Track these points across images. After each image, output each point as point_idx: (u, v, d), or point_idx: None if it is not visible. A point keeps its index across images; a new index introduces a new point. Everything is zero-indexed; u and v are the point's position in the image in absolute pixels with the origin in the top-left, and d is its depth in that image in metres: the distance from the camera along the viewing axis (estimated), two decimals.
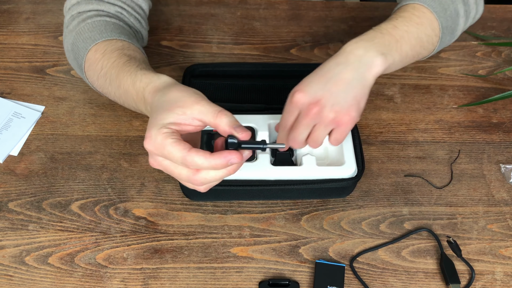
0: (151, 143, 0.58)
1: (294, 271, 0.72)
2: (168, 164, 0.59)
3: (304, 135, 0.70)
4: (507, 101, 0.92)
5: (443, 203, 0.79)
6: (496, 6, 1.08)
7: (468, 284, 0.71)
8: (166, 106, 0.59)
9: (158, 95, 0.63)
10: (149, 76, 0.66)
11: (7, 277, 0.71)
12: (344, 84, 0.67)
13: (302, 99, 0.68)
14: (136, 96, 0.67)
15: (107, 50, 0.75)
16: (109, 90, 0.75)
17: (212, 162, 0.56)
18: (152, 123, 0.59)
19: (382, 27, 0.74)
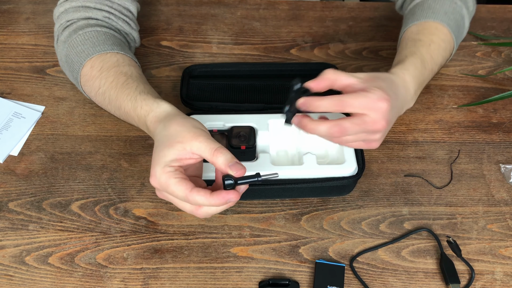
0: (156, 181, 0.62)
1: (294, 271, 0.72)
2: (173, 198, 0.62)
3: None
4: (507, 101, 0.92)
5: (443, 203, 0.79)
6: (496, 6, 1.08)
7: (468, 284, 0.71)
8: (167, 141, 0.62)
9: (160, 127, 0.66)
10: (149, 104, 0.69)
11: (7, 277, 0.71)
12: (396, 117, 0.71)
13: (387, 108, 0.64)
14: (138, 120, 0.71)
15: (103, 67, 0.76)
16: (109, 108, 0.77)
17: (212, 202, 0.60)
18: (155, 161, 0.62)
19: (424, 56, 0.77)
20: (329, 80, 0.65)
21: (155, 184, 0.62)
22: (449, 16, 0.82)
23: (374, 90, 0.63)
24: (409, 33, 0.82)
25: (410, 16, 0.84)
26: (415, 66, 0.75)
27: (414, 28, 0.82)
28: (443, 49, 0.82)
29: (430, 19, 0.81)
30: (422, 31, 0.81)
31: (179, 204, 0.63)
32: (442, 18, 0.82)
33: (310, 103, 0.64)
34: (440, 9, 0.82)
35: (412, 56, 0.76)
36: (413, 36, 0.81)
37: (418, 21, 0.82)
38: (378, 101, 0.63)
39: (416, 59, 0.76)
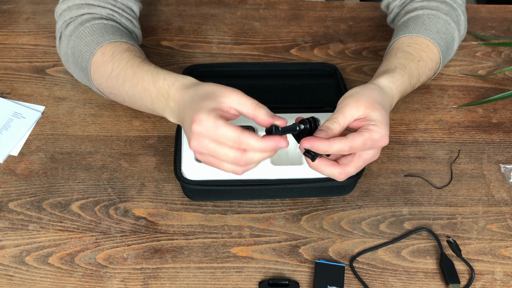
0: (202, 125, 0.60)
1: (294, 271, 0.72)
2: (214, 147, 0.61)
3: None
4: (507, 101, 0.92)
5: (443, 203, 0.79)
6: (496, 6, 1.08)
7: (468, 284, 0.71)
8: (205, 96, 0.63)
9: (191, 91, 0.66)
10: (173, 75, 0.69)
11: (7, 277, 0.71)
12: None
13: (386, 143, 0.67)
14: (156, 94, 0.70)
15: (115, 52, 0.76)
16: (120, 90, 0.76)
17: (263, 145, 0.59)
18: (196, 109, 0.61)
19: (413, 72, 0.77)
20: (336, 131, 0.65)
21: (199, 128, 0.60)
22: (440, 36, 0.82)
23: (375, 128, 0.64)
24: (399, 43, 0.81)
25: (403, 28, 0.84)
26: (402, 81, 0.75)
27: (405, 40, 0.81)
28: (429, 68, 0.81)
29: (422, 35, 0.81)
30: (413, 45, 0.80)
31: (221, 152, 0.61)
32: (434, 36, 0.81)
33: (318, 147, 0.63)
34: (433, 27, 0.82)
35: (402, 69, 0.76)
36: (403, 47, 0.80)
37: (410, 34, 0.81)
38: (381, 141, 0.65)
39: (405, 73, 0.75)
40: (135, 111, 0.87)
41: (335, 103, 0.86)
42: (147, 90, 0.71)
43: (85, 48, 0.78)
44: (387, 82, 0.73)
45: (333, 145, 0.63)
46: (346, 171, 0.65)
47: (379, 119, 0.65)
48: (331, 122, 0.65)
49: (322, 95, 0.88)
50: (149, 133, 0.86)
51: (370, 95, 0.68)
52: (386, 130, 0.65)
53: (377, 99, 0.68)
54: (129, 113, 0.88)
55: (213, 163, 0.63)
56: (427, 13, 0.83)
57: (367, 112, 0.65)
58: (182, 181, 0.74)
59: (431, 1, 0.85)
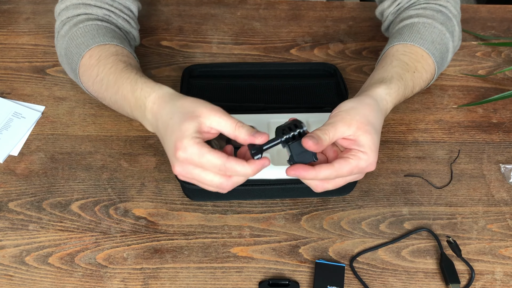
0: (186, 153, 0.60)
1: (294, 271, 0.72)
2: (199, 173, 0.61)
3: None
4: (507, 101, 0.92)
5: (443, 203, 0.79)
6: (496, 6, 1.08)
7: (468, 284, 0.71)
8: (184, 116, 0.62)
9: (168, 106, 0.65)
10: (150, 86, 0.68)
11: (7, 277, 0.71)
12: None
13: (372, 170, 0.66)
14: (134, 103, 0.69)
15: (101, 56, 0.76)
16: (105, 95, 0.76)
17: (249, 170, 0.60)
18: (179, 135, 0.61)
19: (408, 83, 0.76)
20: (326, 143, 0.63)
21: (183, 155, 0.60)
22: (435, 46, 0.81)
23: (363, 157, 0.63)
24: (394, 50, 0.80)
25: (398, 35, 0.82)
26: (398, 93, 0.74)
27: (400, 48, 0.80)
28: (424, 80, 0.80)
29: (417, 44, 0.79)
30: (408, 54, 0.79)
31: (206, 178, 0.61)
32: (429, 47, 0.80)
33: (305, 176, 0.62)
34: (428, 36, 0.80)
35: (399, 80, 0.74)
36: (398, 55, 0.79)
37: (405, 42, 0.80)
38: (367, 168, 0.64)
39: (401, 85, 0.74)
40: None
41: (335, 103, 0.86)
42: (126, 98, 0.71)
43: (75, 50, 0.79)
44: (384, 93, 0.71)
45: (319, 173, 0.62)
46: (325, 185, 0.65)
47: (368, 145, 0.64)
48: (323, 133, 0.63)
49: (322, 95, 0.88)
50: (149, 133, 0.86)
51: (365, 114, 0.66)
52: (374, 157, 0.64)
53: (370, 120, 0.66)
54: None
55: (197, 184, 0.64)
56: (423, 22, 0.82)
57: (357, 135, 0.64)
58: (182, 181, 0.74)
59: (427, 10, 0.84)
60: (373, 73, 0.78)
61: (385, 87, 0.72)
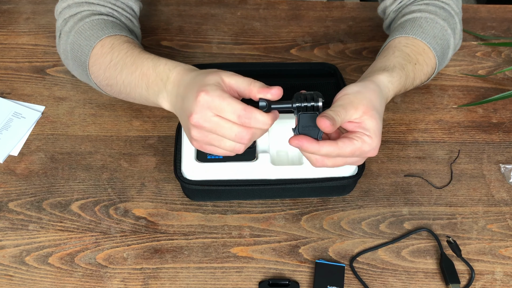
0: (208, 96, 0.60)
1: (294, 271, 0.72)
2: (217, 121, 0.61)
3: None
4: (507, 101, 0.92)
5: (443, 203, 0.79)
6: (496, 6, 1.08)
7: (468, 284, 0.71)
8: (207, 73, 0.64)
9: (192, 74, 0.67)
10: (175, 62, 0.71)
11: (7, 277, 0.71)
12: None
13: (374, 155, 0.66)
14: (154, 78, 0.70)
15: (114, 43, 0.77)
16: (118, 79, 0.76)
17: (268, 119, 0.61)
18: (202, 83, 0.62)
19: (409, 74, 0.76)
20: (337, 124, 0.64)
21: (206, 98, 0.60)
22: (437, 41, 0.81)
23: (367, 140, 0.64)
24: (396, 42, 0.80)
25: (400, 29, 0.82)
26: (399, 82, 0.74)
27: (402, 40, 0.80)
28: (424, 73, 0.80)
29: (419, 37, 0.79)
30: (411, 46, 0.79)
31: (225, 126, 0.61)
32: (430, 41, 0.80)
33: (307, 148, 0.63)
34: (430, 31, 0.81)
35: (401, 70, 0.75)
36: (401, 47, 0.79)
37: (406, 35, 0.80)
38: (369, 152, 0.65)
39: (403, 74, 0.75)
40: (135, 111, 0.87)
41: None
42: (145, 75, 0.71)
43: (85, 42, 0.79)
44: (386, 81, 0.72)
45: (322, 148, 0.62)
46: (325, 161, 0.65)
47: (374, 130, 0.64)
48: (335, 114, 0.63)
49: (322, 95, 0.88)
50: (149, 133, 0.86)
51: (371, 98, 0.67)
52: (377, 142, 0.65)
53: (375, 105, 0.67)
54: (129, 113, 0.88)
55: (212, 141, 0.63)
56: (425, 16, 0.82)
57: (364, 118, 0.64)
58: (182, 181, 0.74)
59: (429, 6, 0.84)
60: (375, 62, 0.78)
61: (387, 75, 0.73)
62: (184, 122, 0.66)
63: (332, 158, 0.65)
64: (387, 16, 0.90)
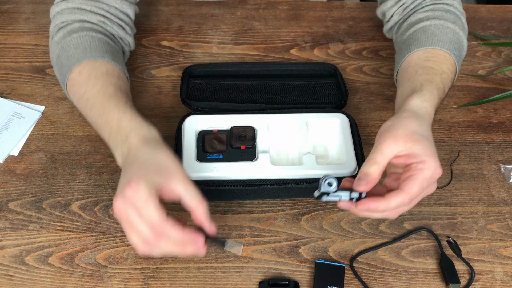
0: (135, 193, 0.59)
1: (294, 271, 0.72)
2: (134, 219, 0.59)
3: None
4: (507, 101, 0.92)
5: (443, 203, 0.79)
6: (496, 6, 1.08)
7: (468, 284, 0.71)
8: (156, 167, 0.62)
9: (148, 149, 0.64)
10: (138, 121, 0.68)
11: (7, 277, 0.71)
12: None
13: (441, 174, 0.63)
14: (116, 131, 0.68)
15: (91, 74, 0.76)
16: (87, 114, 0.76)
17: (181, 237, 0.59)
18: (140, 174, 0.60)
19: (439, 86, 0.73)
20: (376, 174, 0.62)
21: (131, 194, 0.59)
22: (454, 46, 0.79)
23: (425, 166, 0.61)
24: (415, 58, 0.78)
25: (413, 41, 0.80)
26: (433, 97, 0.71)
27: (421, 54, 0.78)
28: (450, 81, 0.77)
29: (437, 46, 0.77)
30: (432, 58, 0.77)
31: (138, 227, 0.59)
32: (449, 47, 0.78)
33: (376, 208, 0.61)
34: (445, 37, 0.79)
35: (429, 85, 0.72)
36: (421, 62, 0.77)
37: (424, 47, 0.78)
38: (434, 175, 0.62)
39: (434, 88, 0.72)
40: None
41: (335, 103, 0.86)
42: (108, 124, 0.70)
43: (66, 62, 0.78)
44: (419, 102, 0.69)
45: (391, 202, 0.60)
46: (400, 210, 0.62)
47: (424, 152, 0.61)
48: (369, 164, 0.61)
49: (322, 95, 0.88)
50: None
51: (407, 125, 0.64)
52: (435, 161, 0.62)
53: (415, 129, 0.64)
54: None
55: (124, 226, 0.61)
56: (435, 23, 0.81)
57: (408, 147, 0.61)
58: None
59: (435, 11, 0.82)
60: (402, 87, 0.75)
61: (418, 96, 0.70)
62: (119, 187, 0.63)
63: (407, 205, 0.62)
64: (388, 19, 0.88)
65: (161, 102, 0.90)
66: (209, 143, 0.77)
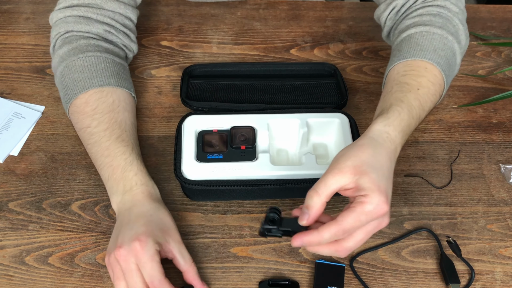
0: (144, 248, 0.64)
1: (294, 271, 0.72)
2: (132, 269, 0.64)
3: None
4: (507, 101, 0.92)
5: (443, 203, 0.79)
6: (496, 6, 1.08)
7: (468, 284, 0.71)
8: (161, 226, 0.68)
9: (154, 206, 0.71)
10: (144, 176, 0.73)
11: (7, 277, 0.71)
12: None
13: (386, 210, 0.59)
14: (119, 178, 0.72)
15: (98, 108, 0.76)
16: (89, 147, 0.77)
17: None
18: (149, 232, 0.66)
19: (412, 103, 0.70)
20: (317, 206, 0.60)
21: (138, 247, 0.64)
22: (439, 54, 0.75)
23: (366, 199, 0.58)
24: (394, 73, 0.75)
25: (396, 53, 0.77)
26: (400, 118, 0.67)
27: (400, 68, 0.75)
28: (432, 94, 0.74)
29: (418, 57, 0.74)
30: (410, 72, 0.73)
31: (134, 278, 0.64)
32: (432, 56, 0.74)
33: (310, 242, 0.59)
34: (429, 46, 0.75)
35: (398, 105, 0.68)
36: (399, 78, 0.74)
37: (404, 59, 0.75)
38: (376, 210, 0.58)
39: (403, 109, 0.68)
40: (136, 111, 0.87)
41: (335, 103, 0.86)
42: (111, 168, 0.73)
43: (71, 85, 0.78)
44: (381, 126, 0.65)
45: (323, 234, 0.57)
46: (345, 246, 0.60)
47: (369, 187, 0.58)
48: (310, 196, 0.59)
49: (322, 95, 0.88)
50: (149, 133, 0.86)
51: (359, 155, 0.60)
52: (379, 196, 0.58)
53: (365, 160, 0.60)
54: None
55: (117, 273, 0.65)
56: (420, 31, 0.77)
57: (355, 179, 0.59)
58: (182, 181, 0.74)
59: (423, 16, 0.79)
60: (378, 105, 0.73)
61: (382, 119, 0.66)
62: (113, 239, 0.68)
63: (351, 238, 0.59)
64: (383, 25, 0.87)
65: (161, 102, 0.90)
66: (209, 143, 0.77)
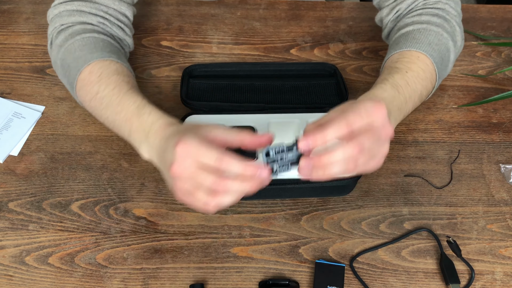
0: (185, 145, 0.58)
1: (294, 271, 0.72)
2: (194, 171, 0.58)
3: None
4: (507, 101, 0.92)
5: (443, 203, 0.79)
6: (496, 6, 1.08)
7: (468, 284, 0.71)
8: (190, 126, 0.64)
9: (174, 127, 0.66)
10: (159, 112, 0.69)
11: (7, 277, 0.71)
12: None
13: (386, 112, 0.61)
14: (137, 126, 0.69)
15: (103, 73, 0.76)
16: (102, 113, 0.75)
17: (245, 168, 0.57)
18: (182, 134, 0.61)
19: (397, 82, 0.73)
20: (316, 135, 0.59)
21: (182, 149, 0.58)
22: (433, 47, 0.79)
23: (368, 99, 0.61)
24: (389, 62, 0.79)
25: (394, 46, 0.81)
26: (383, 89, 0.71)
27: (394, 57, 0.79)
28: (422, 78, 0.77)
29: (413, 48, 0.78)
30: (401, 59, 0.77)
31: (200, 176, 0.58)
32: (425, 48, 0.78)
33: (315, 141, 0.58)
34: (424, 39, 0.79)
35: (382, 82, 0.72)
36: (390, 64, 0.78)
37: (400, 50, 0.79)
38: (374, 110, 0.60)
39: (386, 84, 0.72)
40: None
41: (335, 103, 0.86)
42: (128, 121, 0.71)
43: (73, 64, 0.78)
44: (366, 94, 0.70)
45: (327, 131, 0.58)
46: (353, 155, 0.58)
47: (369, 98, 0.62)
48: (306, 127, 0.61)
49: (322, 95, 0.88)
50: None
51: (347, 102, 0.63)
52: (379, 103, 0.60)
53: (360, 98, 0.65)
54: None
55: (190, 190, 0.60)
56: (418, 28, 0.81)
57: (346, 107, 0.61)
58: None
59: (422, 16, 0.82)
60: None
61: (366, 93, 0.71)
62: (165, 174, 0.64)
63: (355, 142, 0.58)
64: (385, 26, 0.89)
65: (161, 102, 0.90)
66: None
